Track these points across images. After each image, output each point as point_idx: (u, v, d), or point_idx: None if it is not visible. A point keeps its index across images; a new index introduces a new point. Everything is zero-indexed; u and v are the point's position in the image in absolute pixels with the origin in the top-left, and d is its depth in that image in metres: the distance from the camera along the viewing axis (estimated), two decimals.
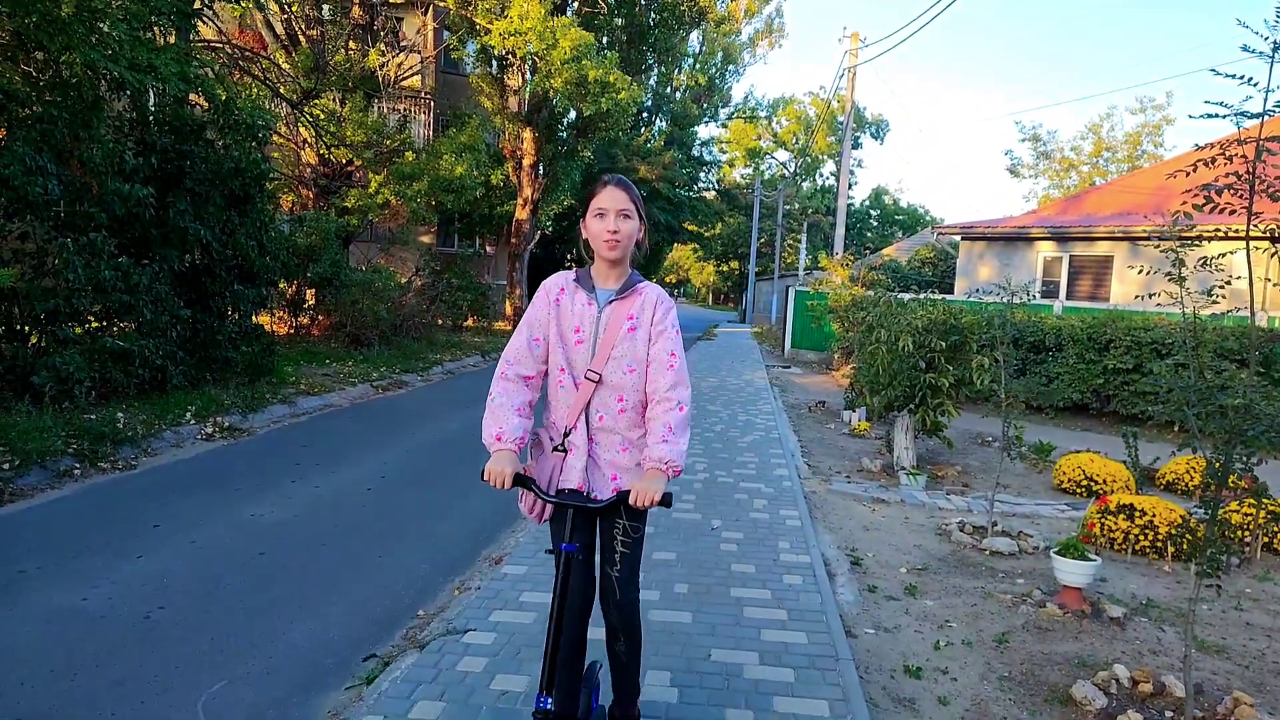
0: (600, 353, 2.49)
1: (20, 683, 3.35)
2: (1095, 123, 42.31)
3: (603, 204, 2.47)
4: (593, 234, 2.51)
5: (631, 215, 2.50)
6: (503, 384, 2.51)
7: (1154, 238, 3.96)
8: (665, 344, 2.51)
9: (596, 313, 2.52)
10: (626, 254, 2.54)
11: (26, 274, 7.61)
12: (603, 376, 2.49)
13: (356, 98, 17.05)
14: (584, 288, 2.55)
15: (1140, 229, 14.99)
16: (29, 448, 6.37)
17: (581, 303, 2.54)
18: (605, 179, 2.53)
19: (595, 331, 2.51)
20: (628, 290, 2.54)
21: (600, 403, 2.51)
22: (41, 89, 8.02)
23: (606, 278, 2.57)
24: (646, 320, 2.52)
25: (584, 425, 2.51)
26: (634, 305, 2.53)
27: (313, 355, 13.53)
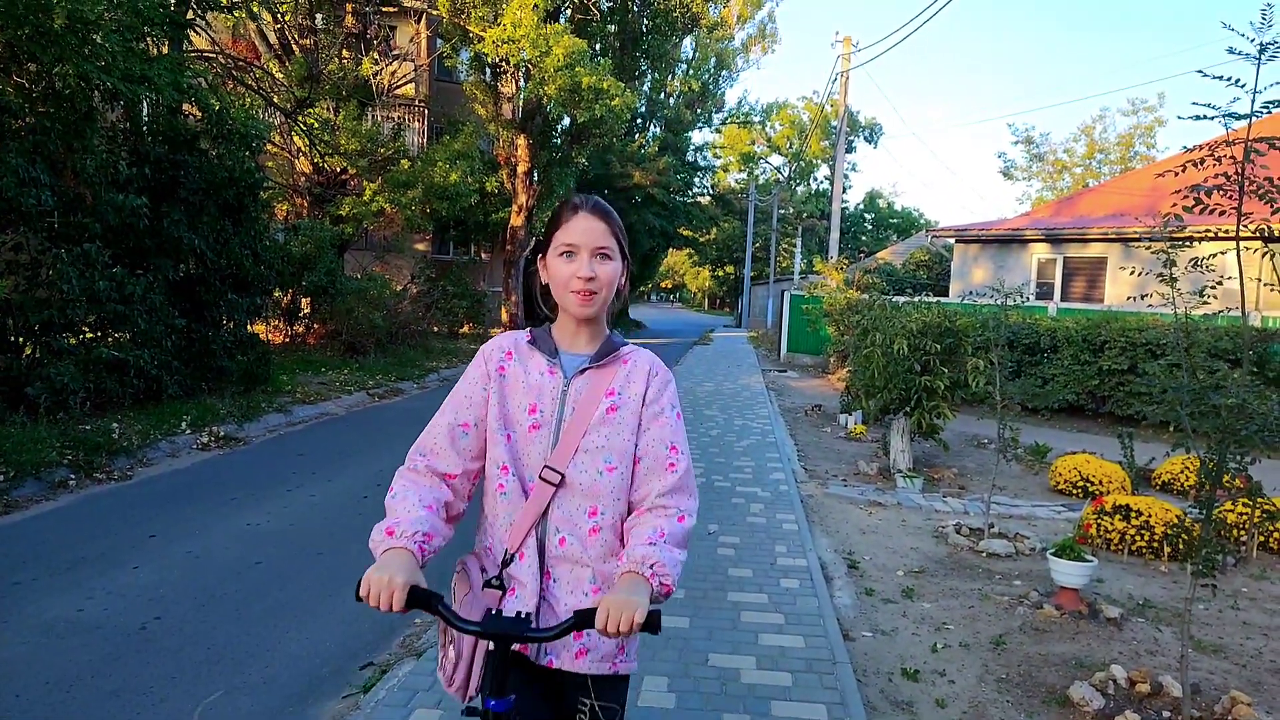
0: (565, 441, 1.72)
1: (16, 695, 3.34)
2: (1088, 125, 42.40)
3: (572, 238, 1.74)
4: (557, 279, 1.76)
5: (612, 255, 1.76)
6: (408, 477, 1.75)
7: (1145, 239, 3.98)
8: (662, 432, 1.77)
9: (561, 385, 1.77)
10: (604, 309, 1.80)
11: (20, 285, 7.60)
12: (566, 477, 1.71)
13: (350, 106, 17.06)
14: (542, 351, 1.81)
15: (1133, 230, 15.03)
16: (23, 459, 6.35)
17: (538, 371, 1.79)
18: (575, 201, 1.79)
19: (558, 411, 1.75)
20: (606, 356, 1.80)
21: (562, 517, 1.72)
22: (34, 100, 8.02)
23: (575, 338, 1.82)
24: (634, 398, 1.78)
25: (535, 550, 1.72)
26: (616, 377, 1.80)
27: (308, 364, 13.52)
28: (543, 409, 1.76)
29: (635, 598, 1.51)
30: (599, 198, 1.84)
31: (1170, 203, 3.52)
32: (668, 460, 1.75)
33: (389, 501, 1.70)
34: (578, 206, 1.78)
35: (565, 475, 1.71)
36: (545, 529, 1.72)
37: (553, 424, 1.75)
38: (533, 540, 1.72)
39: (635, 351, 1.87)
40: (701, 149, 48.62)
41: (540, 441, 1.74)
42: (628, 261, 1.85)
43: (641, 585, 1.57)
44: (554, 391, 1.77)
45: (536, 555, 1.72)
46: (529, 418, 1.76)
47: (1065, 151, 42.77)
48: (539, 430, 1.75)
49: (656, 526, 1.68)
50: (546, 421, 1.75)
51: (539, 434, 1.75)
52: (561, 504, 1.72)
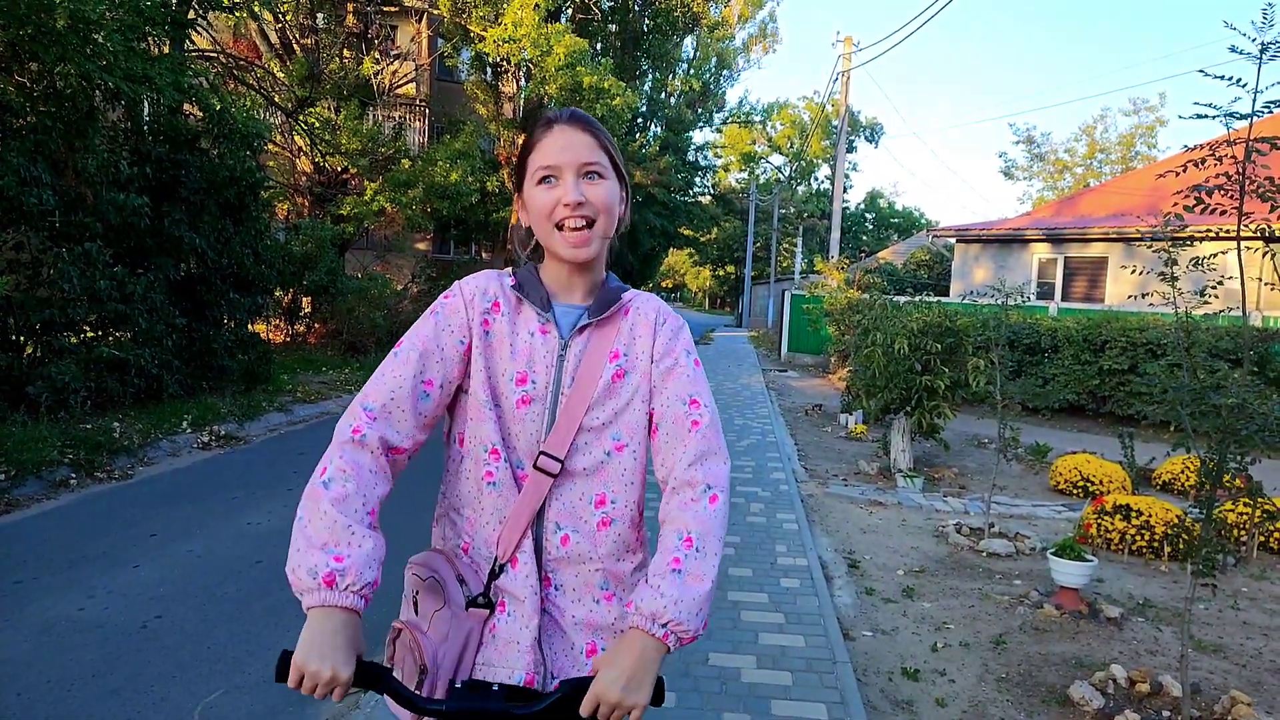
0: (565, 420, 1.38)
1: (18, 694, 3.35)
2: (1089, 124, 42.47)
3: (550, 159, 1.38)
4: (537, 212, 1.41)
5: (604, 172, 1.41)
6: (350, 457, 1.29)
7: (1147, 239, 3.98)
8: (679, 386, 1.44)
9: (558, 348, 1.42)
10: (605, 246, 1.46)
11: (22, 284, 7.61)
12: (566, 462, 1.38)
13: (351, 105, 17.06)
14: (532, 302, 1.44)
15: (1134, 230, 15.03)
16: (25, 458, 6.36)
17: (528, 329, 1.43)
18: (549, 115, 1.44)
19: (554, 381, 1.41)
20: (609, 307, 1.45)
21: (563, 510, 1.39)
22: (35, 100, 8.02)
23: (568, 288, 1.47)
24: (642, 355, 1.45)
25: (532, 554, 1.38)
26: (620, 333, 1.46)
27: (309, 363, 13.53)
28: (535, 379, 1.40)
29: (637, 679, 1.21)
30: (577, 109, 1.48)
31: (1171, 202, 3.52)
32: (689, 418, 1.42)
33: (320, 489, 1.24)
34: (552, 120, 1.42)
35: (564, 460, 1.37)
36: (542, 526, 1.39)
37: (548, 398, 1.40)
38: (529, 542, 1.38)
39: (636, 296, 1.52)
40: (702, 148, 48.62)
41: (532, 420, 1.39)
42: (625, 184, 1.47)
43: (650, 649, 1.25)
44: (549, 356, 1.41)
45: (534, 560, 1.37)
46: (517, 389, 1.39)
47: (1066, 151, 42.78)
48: (530, 405, 1.39)
49: (679, 530, 1.33)
50: (540, 395, 1.39)
51: (530, 410, 1.38)
52: (561, 494, 1.39)
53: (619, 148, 1.43)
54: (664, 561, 1.30)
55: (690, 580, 1.28)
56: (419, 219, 17.84)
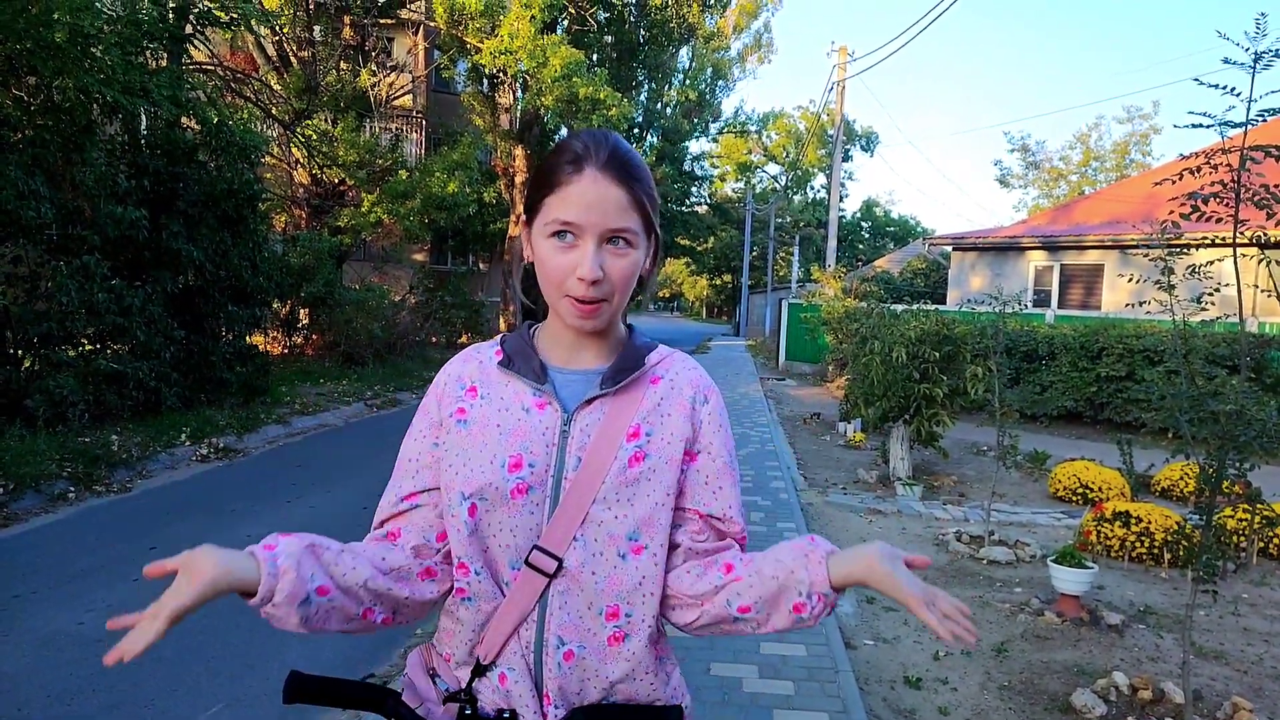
0: (567, 510, 1.16)
1: (18, 708, 3.34)
2: (1083, 133, 42.55)
3: (571, 214, 1.13)
4: (546, 272, 1.16)
5: (634, 238, 1.16)
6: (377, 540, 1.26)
7: (1143, 247, 4.00)
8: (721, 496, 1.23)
9: (560, 424, 1.18)
10: (617, 315, 1.22)
11: (19, 297, 7.61)
12: (566, 563, 1.15)
13: (348, 118, 17.10)
14: (521, 374, 1.21)
15: (1130, 237, 15.10)
16: (23, 471, 6.35)
17: (520, 405, 1.20)
18: (579, 148, 1.15)
19: (557, 464, 1.17)
20: (627, 374, 1.21)
21: (570, 624, 1.16)
22: (33, 113, 8.04)
23: (575, 348, 1.24)
24: (672, 440, 1.21)
25: (525, 672, 1.16)
26: (643, 406, 1.21)
27: (307, 374, 13.52)
28: (532, 462, 1.16)
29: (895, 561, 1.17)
30: (619, 139, 1.17)
31: (1167, 209, 3.54)
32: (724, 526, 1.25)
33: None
34: (582, 157, 1.14)
35: (564, 561, 1.14)
36: (542, 640, 1.15)
37: (548, 485, 1.16)
38: (514, 652, 1.16)
39: (669, 359, 1.27)
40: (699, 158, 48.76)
41: (530, 511, 1.16)
42: (657, 236, 1.22)
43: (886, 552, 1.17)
44: (548, 434, 1.18)
45: (527, 677, 1.16)
46: (510, 477, 1.15)
47: (1061, 159, 42.92)
48: (525, 495, 1.15)
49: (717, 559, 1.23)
50: (539, 481, 1.16)
51: (525, 500, 1.15)
52: (566, 602, 1.15)
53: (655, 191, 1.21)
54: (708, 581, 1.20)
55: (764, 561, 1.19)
56: (416, 230, 17.86)
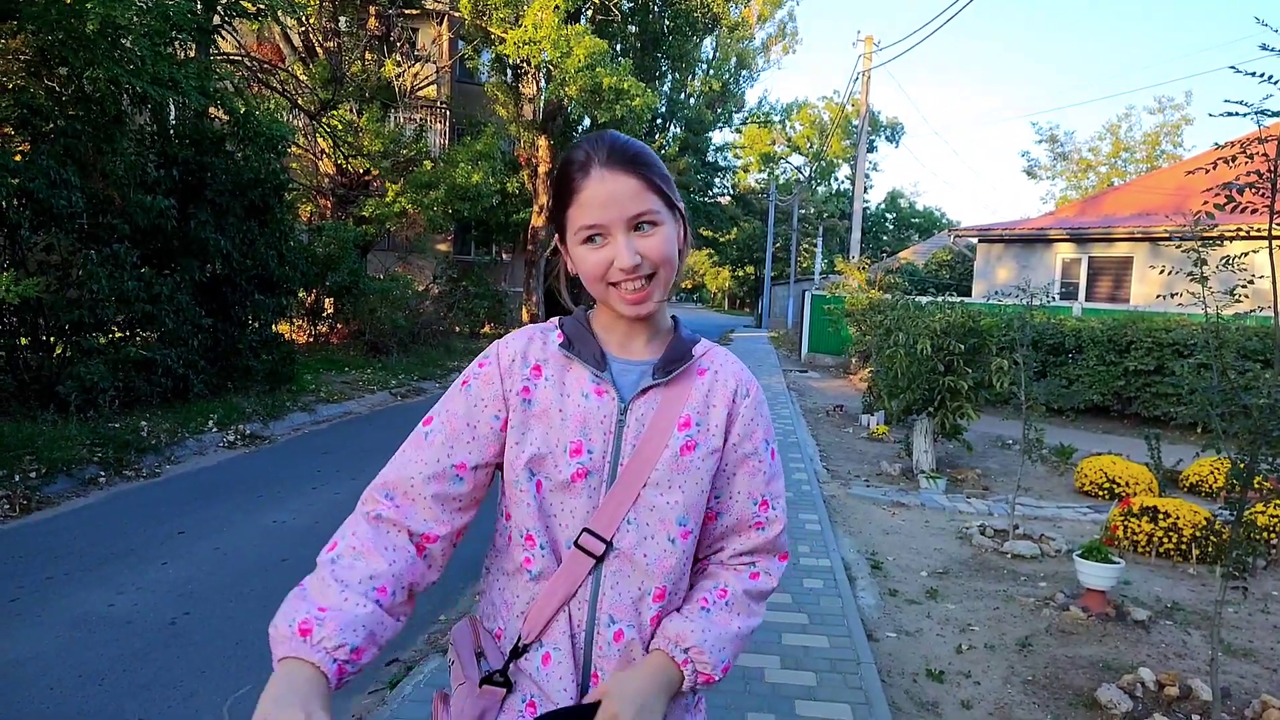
0: (618, 494, 1.20)
1: (50, 687, 3.40)
2: (1114, 123, 42.00)
3: (592, 217, 1.18)
4: (588, 273, 1.22)
5: (659, 217, 1.20)
6: (364, 532, 1.20)
7: (1175, 238, 3.94)
8: (753, 482, 1.29)
9: (617, 411, 1.22)
10: (667, 294, 1.25)
11: (52, 285, 7.73)
12: (616, 544, 1.19)
13: (373, 108, 17.20)
14: (584, 361, 1.24)
15: (1160, 229, 14.87)
16: (55, 456, 6.45)
17: (581, 392, 1.23)
18: (581, 156, 1.21)
19: (613, 451, 1.21)
20: (678, 365, 1.26)
21: (621, 604, 1.20)
22: (64, 104, 8.15)
23: (627, 339, 1.28)
24: (715, 430, 1.26)
25: (569, 651, 1.20)
26: (692, 397, 1.26)
27: (332, 363, 13.64)
28: (591, 449, 1.20)
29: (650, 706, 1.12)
30: (615, 134, 1.23)
31: (1201, 200, 3.48)
32: (754, 520, 1.29)
33: (326, 563, 1.16)
34: (586, 162, 1.19)
35: (614, 543, 1.18)
36: (594, 618, 1.19)
37: (605, 470, 1.20)
38: (562, 632, 1.19)
39: (713, 354, 1.32)
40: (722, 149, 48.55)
41: (588, 495, 1.20)
42: (680, 212, 1.26)
43: (672, 674, 1.17)
44: (606, 422, 1.21)
45: (570, 657, 1.19)
46: (571, 462, 1.19)
47: (1090, 150, 42.34)
48: (584, 480, 1.19)
49: (719, 582, 1.27)
50: (597, 466, 1.20)
51: (584, 485, 1.19)
52: (619, 583, 1.19)
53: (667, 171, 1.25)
54: (693, 600, 1.25)
55: (717, 619, 1.22)
56: (440, 220, 17.96)
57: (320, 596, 1.10)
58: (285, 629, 1.05)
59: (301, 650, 1.03)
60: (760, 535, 1.29)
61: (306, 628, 1.04)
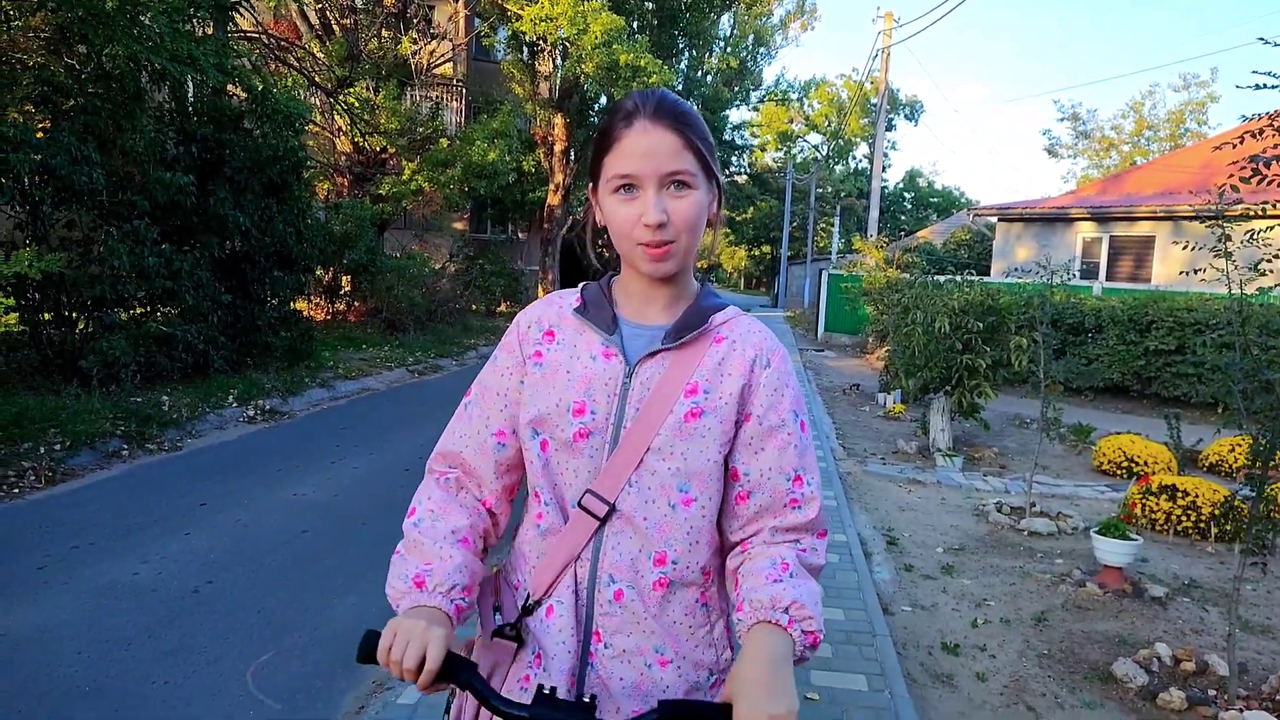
0: (621, 457, 1.21)
1: (78, 652, 3.47)
2: (1137, 101, 41.32)
3: (628, 166, 1.17)
4: (615, 224, 1.21)
5: (693, 180, 1.19)
6: (438, 494, 1.31)
7: (1200, 217, 3.89)
8: (784, 459, 1.25)
9: (622, 374, 1.23)
10: (689, 259, 1.25)
11: (73, 261, 7.80)
12: (619, 507, 1.21)
13: (390, 85, 17.17)
14: (595, 323, 1.26)
15: (1183, 208, 14.68)
16: (78, 429, 6.54)
17: (589, 354, 1.26)
18: (629, 105, 1.20)
19: (617, 413, 1.22)
20: (690, 331, 1.25)
21: (621, 563, 1.22)
22: (84, 81, 8.19)
23: (646, 301, 1.28)
24: (728, 399, 1.24)
25: (571, 603, 1.23)
26: (703, 363, 1.25)
27: (349, 340, 13.72)
28: (594, 410, 1.22)
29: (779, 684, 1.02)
30: (667, 92, 1.21)
31: (1225, 176, 3.43)
32: (789, 497, 1.24)
33: (411, 528, 1.27)
34: (632, 113, 1.18)
35: (617, 505, 1.21)
36: (595, 577, 1.22)
37: (608, 432, 1.22)
38: (567, 589, 1.23)
39: (736, 322, 1.29)
40: (739, 127, 48.24)
41: (590, 455, 1.22)
42: (718, 181, 1.25)
43: (781, 642, 1.09)
44: (611, 384, 1.23)
45: (572, 612, 1.22)
46: (574, 421, 1.22)
47: (1113, 128, 41.76)
48: (586, 440, 1.22)
49: (776, 557, 1.21)
50: (600, 428, 1.22)
51: (587, 445, 1.22)
52: (619, 544, 1.22)
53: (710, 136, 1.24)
54: (764, 574, 1.18)
55: (799, 581, 1.17)
56: (456, 198, 17.97)
57: (418, 554, 1.24)
58: (402, 585, 1.21)
59: (422, 599, 1.18)
60: (798, 515, 1.25)
61: (420, 580, 1.20)
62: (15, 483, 5.67)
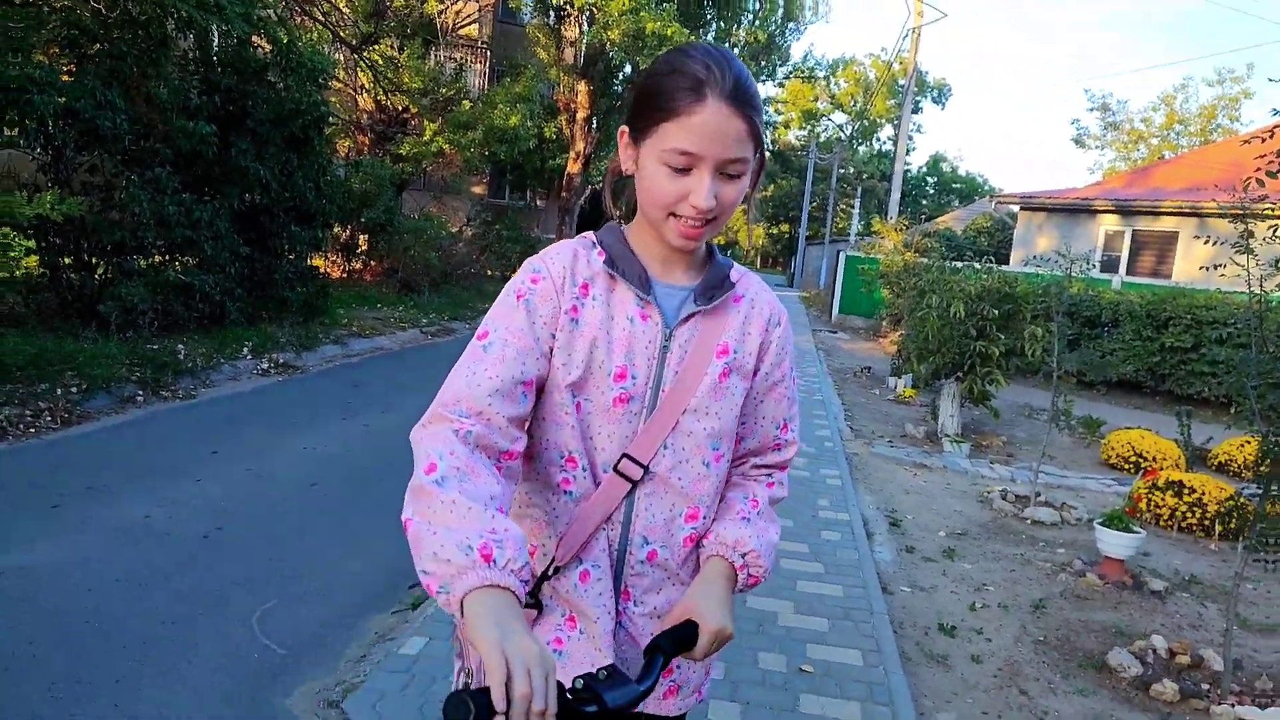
0: (659, 421, 1.20)
1: (89, 589, 3.54)
2: (1169, 94, 40.67)
3: (693, 144, 1.10)
4: (654, 195, 1.15)
5: (745, 167, 1.16)
6: (461, 451, 1.07)
7: (1225, 215, 3.85)
8: (778, 408, 1.33)
9: (661, 337, 1.21)
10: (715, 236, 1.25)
11: (94, 206, 7.84)
12: (653, 467, 1.21)
13: (414, 44, 17.07)
14: (629, 281, 1.20)
15: (1209, 204, 14.49)
16: (95, 373, 6.62)
17: (626, 315, 1.21)
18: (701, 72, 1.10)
19: (656, 377, 1.21)
20: (719, 292, 1.25)
21: (655, 525, 1.23)
22: (110, 26, 8.17)
23: (667, 263, 1.25)
24: (749, 356, 1.27)
25: (608, 569, 1.22)
26: (730, 324, 1.26)
27: (364, 299, 13.77)
28: (635, 374, 1.19)
29: (729, 606, 1.17)
30: (740, 64, 1.12)
31: (1254, 167, 3.40)
32: (775, 441, 1.35)
33: (434, 486, 1.01)
34: (704, 83, 1.09)
35: (652, 467, 1.20)
36: (627, 538, 1.22)
37: (647, 395, 1.20)
38: (602, 552, 1.21)
39: (747, 280, 1.31)
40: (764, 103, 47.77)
41: (629, 420, 1.20)
42: (762, 153, 1.21)
43: (728, 579, 1.22)
44: (650, 347, 1.20)
45: (610, 575, 1.22)
46: (615, 386, 1.18)
47: (1143, 121, 41.10)
48: (628, 404, 1.19)
49: (749, 493, 1.32)
50: (640, 392, 1.20)
51: (627, 409, 1.19)
52: (652, 505, 1.22)
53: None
54: (735, 510, 1.28)
55: (759, 527, 1.27)
56: (476, 162, 17.90)
57: (464, 519, 0.97)
58: (464, 558, 0.94)
59: (494, 576, 0.93)
60: (778, 455, 1.36)
61: (488, 553, 0.94)
62: (32, 422, 5.76)
